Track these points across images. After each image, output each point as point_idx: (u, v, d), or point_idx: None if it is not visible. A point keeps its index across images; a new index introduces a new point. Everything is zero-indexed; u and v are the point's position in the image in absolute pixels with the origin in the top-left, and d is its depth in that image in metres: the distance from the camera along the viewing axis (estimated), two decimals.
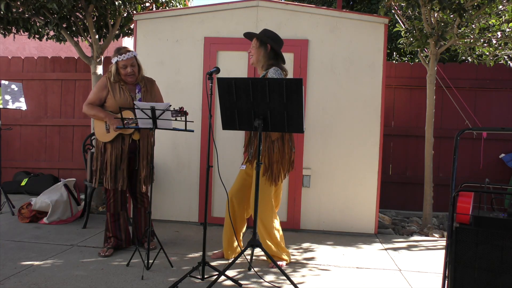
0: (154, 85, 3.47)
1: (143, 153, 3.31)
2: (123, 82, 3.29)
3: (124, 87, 3.28)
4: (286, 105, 2.72)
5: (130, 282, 2.76)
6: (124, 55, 3.20)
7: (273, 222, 3.18)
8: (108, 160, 3.24)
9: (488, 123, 5.28)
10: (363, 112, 4.19)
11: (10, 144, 6.01)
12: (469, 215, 2.17)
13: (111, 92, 3.25)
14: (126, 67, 3.22)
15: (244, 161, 3.31)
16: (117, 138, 3.24)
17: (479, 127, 4.96)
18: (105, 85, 3.28)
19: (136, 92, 3.32)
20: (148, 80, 3.44)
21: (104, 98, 3.28)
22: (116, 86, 3.27)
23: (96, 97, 3.28)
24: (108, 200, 3.35)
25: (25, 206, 4.29)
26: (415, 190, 5.31)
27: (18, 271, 2.87)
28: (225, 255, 3.33)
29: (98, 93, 3.28)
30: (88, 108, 3.28)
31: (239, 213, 3.29)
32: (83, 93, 5.94)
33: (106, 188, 3.32)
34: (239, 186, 3.29)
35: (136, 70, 3.28)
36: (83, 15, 4.83)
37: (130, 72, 3.23)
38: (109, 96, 3.26)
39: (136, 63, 3.29)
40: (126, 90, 3.27)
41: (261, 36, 3.16)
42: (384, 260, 3.49)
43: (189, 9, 4.37)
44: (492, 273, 2.07)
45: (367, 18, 4.18)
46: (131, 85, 3.33)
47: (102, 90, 3.28)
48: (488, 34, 4.44)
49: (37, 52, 7.96)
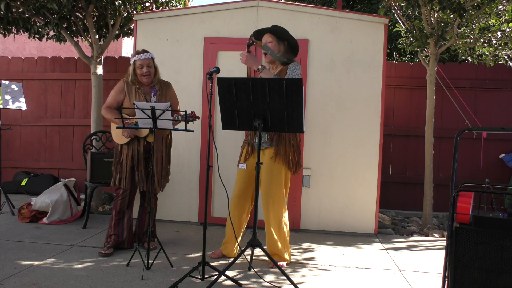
0: (170, 88, 3.51)
1: (157, 155, 3.33)
2: (139, 85, 3.35)
3: (140, 90, 3.34)
4: (286, 105, 2.72)
5: (130, 282, 2.77)
6: (142, 55, 3.30)
7: (283, 214, 3.17)
8: (124, 160, 3.31)
9: (488, 123, 5.28)
10: (363, 112, 4.19)
11: (10, 144, 6.01)
12: (469, 215, 2.17)
13: (127, 95, 3.33)
14: (142, 67, 3.30)
15: (242, 158, 3.30)
16: (133, 140, 3.32)
17: (479, 127, 4.96)
18: (122, 88, 3.35)
19: (151, 95, 3.37)
20: (164, 83, 3.49)
21: (121, 101, 3.35)
22: (132, 89, 3.34)
23: (113, 100, 3.37)
24: (117, 198, 3.38)
25: (25, 206, 4.29)
26: (415, 190, 5.31)
27: (18, 271, 2.87)
28: (227, 253, 3.33)
29: (115, 96, 3.36)
30: (106, 111, 3.38)
31: (247, 210, 3.31)
32: (83, 93, 5.94)
33: (117, 186, 3.37)
34: (245, 186, 3.25)
35: (152, 71, 3.35)
36: (83, 15, 4.83)
37: (145, 72, 3.30)
38: (125, 99, 3.33)
39: (153, 64, 3.36)
40: (141, 94, 3.34)
41: (279, 33, 3.13)
42: (384, 260, 3.49)
43: (189, 9, 4.37)
44: (492, 273, 2.07)
45: (367, 18, 4.18)
46: (147, 88, 3.38)
47: (120, 93, 3.36)
48: (488, 34, 4.44)
49: (37, 52, 7.97)
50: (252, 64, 3.10)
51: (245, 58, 3.09)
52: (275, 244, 3.15)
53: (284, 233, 3.18)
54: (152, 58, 3.36)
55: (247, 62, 3.10)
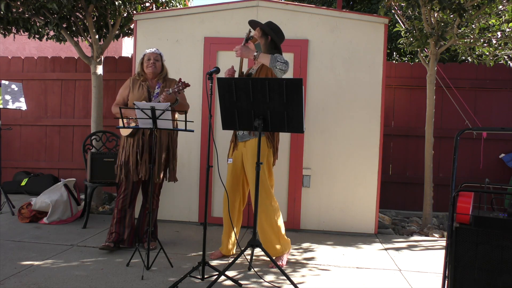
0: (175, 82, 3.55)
1: (159, 146, 3.37)
2: (144, 79, 3.45)
3: (144, 83, 3.43)
4: (286, 105, 2.72)
5: (130, 282, 2.77)
6: (152, 49, 3.48)
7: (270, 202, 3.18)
8: (131, 152, 3.36)
9: (488, 123, 5.28)
10: (363, 112, 4.19)
11: (10, 144, 6.01)
12: (469, 215, 2.17)
13: (131, 89, 3.43)
14: (149, 59, 3.43)
15: (230, 152, 3.35)
16: (138, 132, 3.38)
17: (479, 127, 4.94)
18: (127, 85, 3.49)
19: (155, 88, 3.45)
20: (171, 80, 3.55)
21: (127, 97, 3.45)
22: (137, 83, 3.44)
23: (120, 97, 3.48)
24: (119, 195, 3.39)
25: (25, 206, 4.29)
26: (415, 190, 5.31)
27: (18, 271, 2.87)
28: (226, 252, 3.34)
29: (122, 93, 3.49)
30: (114, 107, 3.48)
31: (237, 207, 3.34)
32: (83, 93, 5.94)
33: (119, 183, 3.41)
34: (233, 180, 3.31)
35: (158, 64, 3.46)
36: (83, 15, 4.84)
37: (151, 63, 3.41)
38: (130, 94, 3.44)
39: (160, 59, 3.48)
40: (144, 86, 3.43)
41: (264, 27, 3.21)
42: (384, 260, 3.49)
43: (189, 9, 4.37)
44: (492, 273, 2.07)
45: (367, 18, 4.18)
46: (152, 82, 3.47)
47: (125, 89, 3.48)
48: (488, 34, 4.44)
49: (37, 52, 7.97)
50: (247, 54, 3.16)
51: (240, 51, 3.16)
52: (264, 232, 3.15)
53: (272, 217, 3.16)
54: (160, 54, 3.50)
55: (242, 55, 3.17)
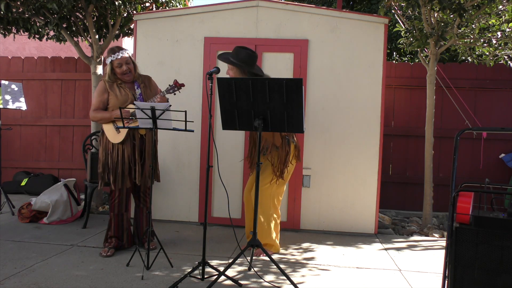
0: (151, 81, 3.52)
1: (148, 149, 3.35)
2: (120, 81, 3.33)
3: (123, 85, 3.33)
4: (286, 105, 2.72)
5: (130, 282, 2.77)
6: (118, 53, 3.23)
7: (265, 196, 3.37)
8: (120, 160, 3.26)
9: (488, 123, 5.28)
10: (363, 112, 4.19)
11: (10, 144, 6.01)
12: (469, 215, 2.17)
13: (111, 92, 3.29)
14: (121, 66, 3.26)
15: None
16: (128, 137, 3.28)
17: (479, 127, 4.96)
18: (104, 89, 3.31)
19: (135, 88, 3.37)
20: (145, 77, 3.49)
21: (106, 101, 3.31)
22: (114, 86, 3.31)
23: (99, 102, 3.32)
24: (113, 200, 3.36)
25: (25, 206, 4.29)
26: (415, 190, 5.31)
27: (18, 271, 2.87)
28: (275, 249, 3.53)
29: (99, 97, 3.32)
30: (94, 113, 3.32)
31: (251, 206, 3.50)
32: (83, 93, 5.94)
33: (111, 188, 3.33)
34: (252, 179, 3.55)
35: (132, 67, 3.32)
36: (83, 15, 4.83)
37: (126, 70, 3.27)
38: (110, 97, 3.29)
39: (131, 61, 3.33)
40: (125, 88, 3.33)
41: (236, 63, 3.25)
42: (384, 260, 3.49)
43: (189, 9, 4.37)
44: (492, 273, 2.07)
45: (367, 18, 4.18)
46: (129, 84, 3.37)
47: (102, 93, 3.31)
48: (488, 34, 4.44)
49: (37, 52, 7.97)
50: None
51: None
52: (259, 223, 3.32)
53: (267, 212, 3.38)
54: (129, 55, 3.30)
55: None
